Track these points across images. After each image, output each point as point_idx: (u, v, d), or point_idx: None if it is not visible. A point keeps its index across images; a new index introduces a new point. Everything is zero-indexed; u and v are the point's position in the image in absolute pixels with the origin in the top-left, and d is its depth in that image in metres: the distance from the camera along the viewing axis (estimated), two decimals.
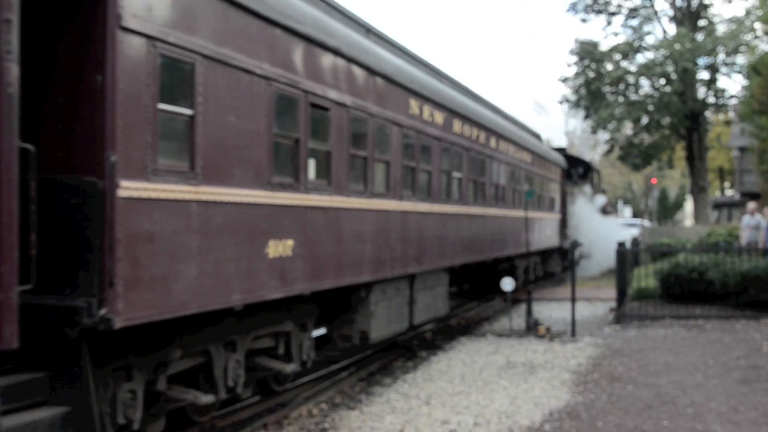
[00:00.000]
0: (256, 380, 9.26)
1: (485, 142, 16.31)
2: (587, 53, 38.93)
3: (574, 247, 17.14)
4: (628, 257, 18.33)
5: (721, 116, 44.92)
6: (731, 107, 39.93)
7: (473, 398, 9.85)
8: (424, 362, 12.51)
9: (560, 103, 42.17)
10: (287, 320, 9.18)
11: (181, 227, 6.44)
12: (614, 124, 39.84)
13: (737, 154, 50.23)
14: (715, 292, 16.53)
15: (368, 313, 10.73)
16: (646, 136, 41.26)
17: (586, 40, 39.62)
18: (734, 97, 38.74)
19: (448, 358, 12.76)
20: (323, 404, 9.81)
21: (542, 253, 24.19)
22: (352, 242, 9.76)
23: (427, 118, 12.64)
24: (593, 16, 41.79)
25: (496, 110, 20.25)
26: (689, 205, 56.98)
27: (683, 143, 40.41)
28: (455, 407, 9.41)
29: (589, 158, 49.90)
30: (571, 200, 28.86)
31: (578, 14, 41.78)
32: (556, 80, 67.64)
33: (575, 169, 31.33)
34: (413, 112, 12.01)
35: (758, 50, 30.83)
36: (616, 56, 39.06)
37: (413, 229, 11.97)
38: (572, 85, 40.30)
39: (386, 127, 10.94)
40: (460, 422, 8.72)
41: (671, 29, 40.11)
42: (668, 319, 16.03)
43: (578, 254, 26.87)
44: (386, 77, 10.90)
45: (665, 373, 11.03)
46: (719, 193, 63.38)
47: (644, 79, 38.98)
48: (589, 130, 45.72)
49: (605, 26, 43.99)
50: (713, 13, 40.47)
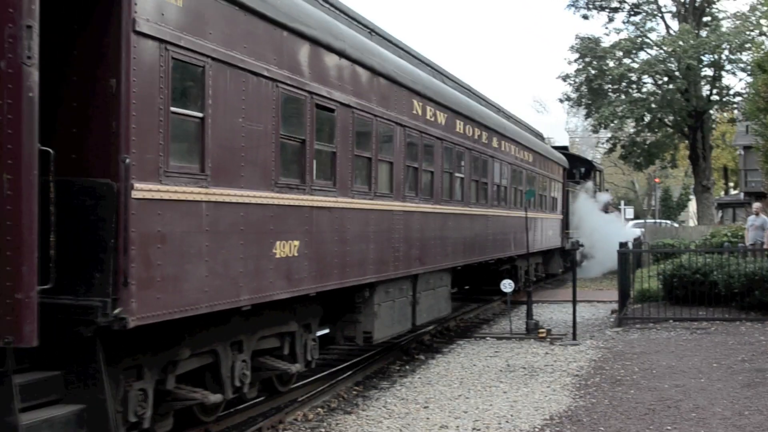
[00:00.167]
0: (260, 380, 9.28)
1: (487, 141, 16.38)
2: (588, 50, 38.73)
3: (575, 248, 17.09)
4: (629, 258, 18.24)
5: (725, 114, 44.62)
6: (736, 105, 39.67)
7: (472, 402, 9.79)
8: (422, 366, 12.41)
9: (561, 101, 41.99)
10: (292, 320, 9.25)
11: (191, 228, 6.56)
12: (616, 122, 39.60)
13: (742, 152, 50.10)
14: (719, 293, 16.30)
15: (372, 313, 10.76)
16: (648, 134, 41.06)
17: (587, 36, 39.39)
18: (739, 94, 38.48)
19: (446, 361, 12.70)
20: (319, 408, 9.65)
21: (544, 253, 24.23)
22: (356, 243, 9.84)
23: (429, 118, 12.71)
24: (595, 12, 41.57)
25: (498, 109, 20.32)
26: (693, 204, 56.91)
27: (687, 142, 40.20)
28: (454, 411, 9.35)
29: (590, 157, 49.82)
30: (573, 200, 28.86)
31: (579, 11, 41.62)
32: (556, 78, 67.37)
33: (577, 168, 31.33)
34: (416, 112, 12.08)
35: (764, 47, 30.30)
36: (618, 53, 38.83)
37: (416, 229, 12.04)
38: (573, 82, 40.13)
39: (390, 128, 11.03)
40: (458, 427, 8.67)
41: (675, 26, 39.90)
42: (671, 321, 15.86)
43: (580, 255, 26.83)
44: (390, 78, 10.98)
45: (668, 376, 10.94)
46: (723, 192, 63.28)
47: (647, 76, 38.76)
48: (590, 128, 45.58)
49: (607, 23, 43.84)
50: (717, 9, 40.19)
